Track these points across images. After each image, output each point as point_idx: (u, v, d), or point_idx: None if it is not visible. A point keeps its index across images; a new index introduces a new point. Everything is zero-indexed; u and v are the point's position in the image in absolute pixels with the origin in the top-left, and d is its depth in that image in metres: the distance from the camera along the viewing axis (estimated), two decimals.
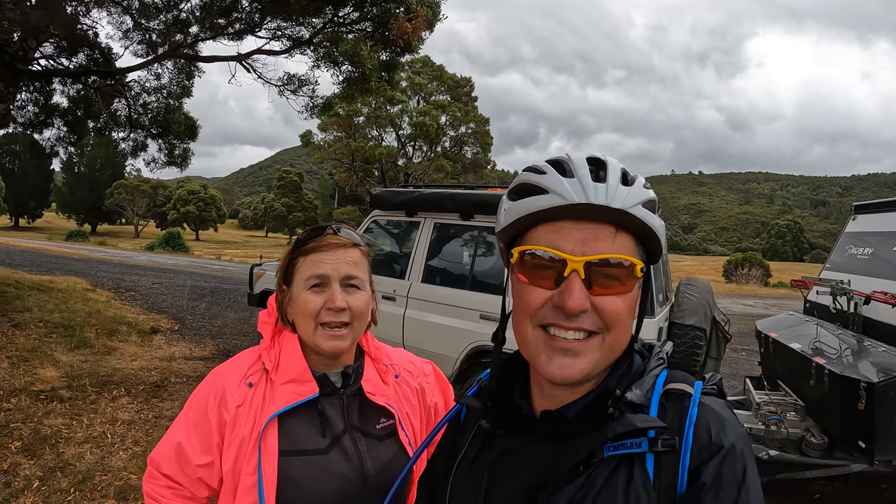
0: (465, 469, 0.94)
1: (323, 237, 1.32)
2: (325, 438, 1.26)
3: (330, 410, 1.30)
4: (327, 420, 1.29)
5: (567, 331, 0.77)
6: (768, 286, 29.93)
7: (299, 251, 1.33)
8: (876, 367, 3.44)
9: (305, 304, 1.28)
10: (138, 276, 14.17)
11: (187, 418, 1.30)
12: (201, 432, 1.27)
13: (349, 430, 1.29)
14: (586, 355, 0.77)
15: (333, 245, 1.31)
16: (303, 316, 1.29)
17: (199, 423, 1.28)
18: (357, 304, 1.30)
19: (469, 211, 5.04)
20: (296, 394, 1.26)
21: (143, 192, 66.74)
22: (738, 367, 8.57)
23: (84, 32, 8.69)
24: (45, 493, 3.65)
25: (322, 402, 1.29)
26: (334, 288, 1.28)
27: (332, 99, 9.94)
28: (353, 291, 1.31)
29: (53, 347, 6.66)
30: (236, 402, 1.26)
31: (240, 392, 1.28)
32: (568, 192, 0.76)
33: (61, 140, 9.94)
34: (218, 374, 1.33)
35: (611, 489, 0.74)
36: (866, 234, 4.85)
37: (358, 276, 1.32)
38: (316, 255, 1.30)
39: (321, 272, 1.28)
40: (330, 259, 1.29)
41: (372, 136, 30.96)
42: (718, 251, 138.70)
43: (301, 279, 1.30)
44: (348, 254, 1.31)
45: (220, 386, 1.29)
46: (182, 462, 1.27)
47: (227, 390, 1.28)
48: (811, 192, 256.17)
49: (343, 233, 1.35)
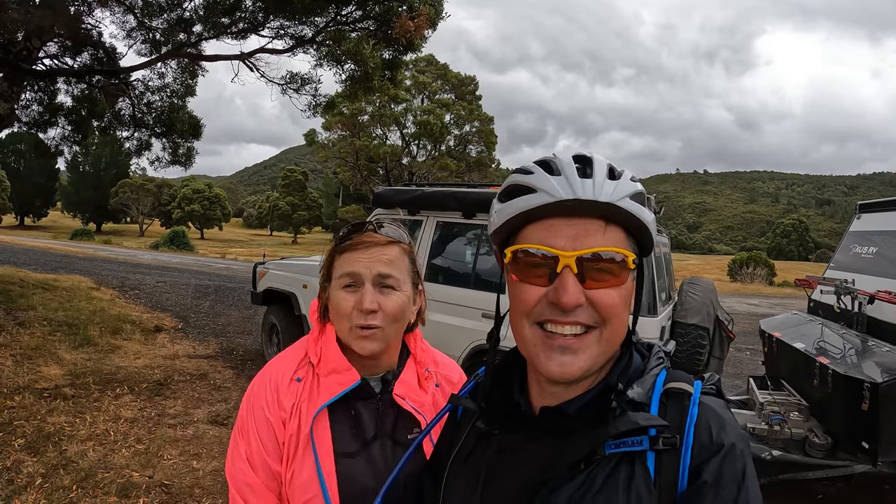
0: (459, 465, 0.94)
1: (360, 234, 1.27)
2: (356, 442, 1.23)
3: (364, 414, 1.27)
4: (360, 423, 1.25)
5: (564, 326, 0.77)
6: (773, 285, 29.84)
7: (338, 248, 1.29)
8: (880, 368, 3.42)
9: (338, 304, 1.25)
10: (142, 274, 14.20)
11: (247, 427, 1.25)
12: (268, 436, 1.23)
13: (380, 437, 1.26)
14: (585, 351, 0.77)
15: (368, 243, 1.26)
16: (336, 315, 1.27)
17: (263, 428, 1.23)
18: (390, 306, 1.24)
19: (471, 209, 5.03)
20: (339, 384, 1.23)
21: (148, 190, 67.09)
22: (742, 367, 8.55)
23: (88, 32, 8.71)
24: (47, 491, 3.66)
25: (357, 406, 1.26)
26: (366, 288, 1.23)
27: (336, 98, 9.95)
28: (387, 292, 1.25)
29: (57, 345, 6.68)
30: (290, 400, 1.23)
31: (291, 390, 1.25)
32: (556, 189, 0.77)
33: (66, 139, 9.96)
34: (268, 373, 1.30)
35: (611, 487, 0.74)
36: (871, 233, 4.82)
37: (393, 275, 1.26)
38: (351, 254, 1.26)
39: (353, 270, 1.24)
40: (364, 257, 1.25)
41: (376, 134, 30.99)
42: (723, 250, 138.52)
43: (336, 277, 1.27)
44: (384, 251, 1.26)
45: (273, 385, 1.26)
46: (263, 472, 1.22)
47: (280, 389, 1.25)
48: (816, 191, 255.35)
49: (384, 229, 1.29)
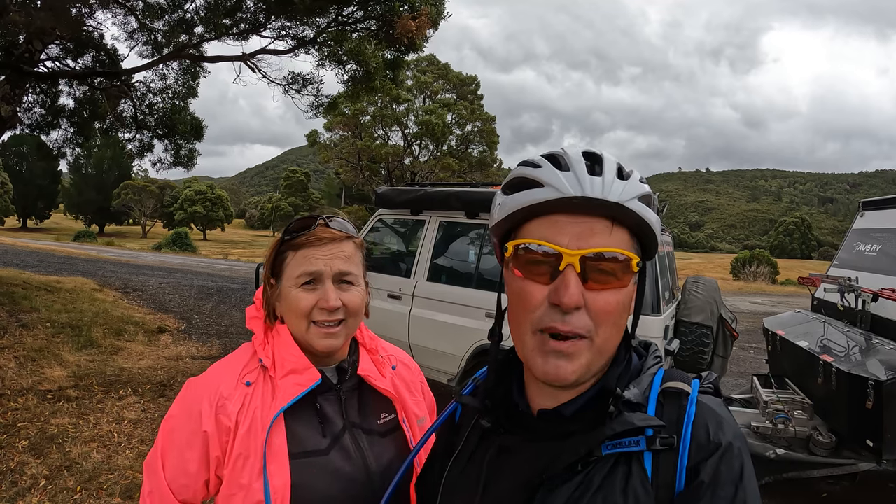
0: (460, 468, 0.93)
1: (314, 230, 1.22)
2: (325, 438, 1.18)
3: (328, 408, 1.21)
4: (326, 418, 1.20)
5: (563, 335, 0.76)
6: (776, 284, 29.81)
7: (289, 244, 1.23)
8: (884, 366, 3.40)
9: (297, 303, 1.19)
10: (145, 276, 14.22)
11: (171, 439, 1.16)
12: (195, 448, 1.14)
13: (348, 428, 1.22)
14: (578, 358, 0.76)
15: (325, 239, 1.21)
16: (294, 314, 1.21)
17: (191, 440, 1.14)
18: (352, 301, 1.22)
19: (474, 209, 5.03)
20: (297, 385, 1.16)
21: (151, 192, 67.28)
22: (746, 365, 8.53)
23: (89, 34, 8.72)
24: (51, 492, 3.67)
25: (319, 400, 1.21)
26: (327, 286, 1.19)
27: (338, 98, 9.94)
28: (347, 288, 1.22)
29: (61, 347, 6.69)
30: (236, 406, 1.14)
31: (238, 393, 1.16)
32: (564, 185, 0.75)
33: (68, 141, 9.96)
34: (208, 378, 1.21)
35: (609, 487, 0.74)
36: (874, 230, 4.81)
37: (352, 271, 1.23)
38: (307, 251, 1.20)
39: (313, 269, 1.19)
40: (322, 255, 1.20)
41: (378, 135, 30.94)
42: (726, 249, 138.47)
43: (291, 276, 1.21)
44: (341, 248, 1.22)
45: (214, 390, 1.16)
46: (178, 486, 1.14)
47: (223, 394, 1.16)
48: (819, 188, 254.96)
49: (335, 223, 1.25)
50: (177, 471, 1.14)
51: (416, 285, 5.30)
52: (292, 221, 1.28)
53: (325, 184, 79.91)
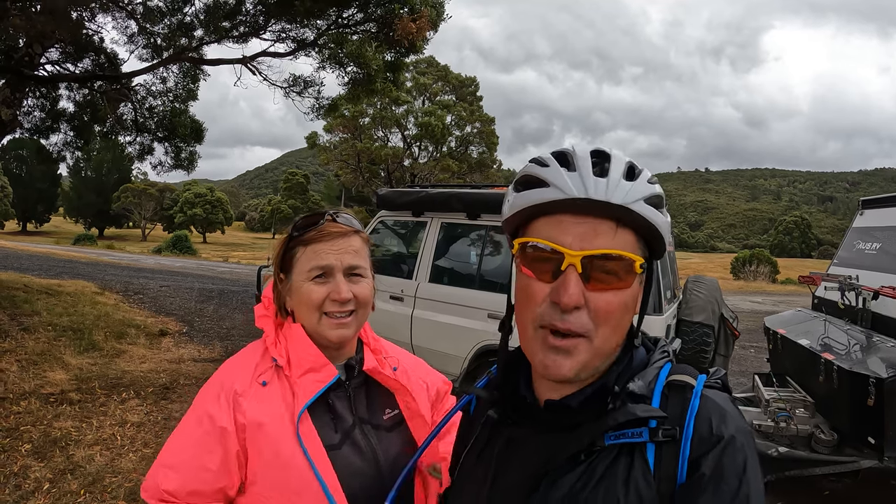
0: (472, 459, 0.95)
1: (322, 225, 1.26)
2: (337, 434, 1.21)
3: (338, 404, 1.25)
4: (337, 414, 1.23)
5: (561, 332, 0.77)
6: (776, 283, 29.80)
7: (298, 240, 1.26)
8: (885, 363, 3.41)
9: (309, 296, 1.22)
10: (146, 279, 14.22)
11: (190, 433, 1.17)
12: (214, 446, 1.14)
13: (358, 424, 1.25)
14: (576, 355, 0.77)
15: (334, 234, 1.25)
16: (306, 307, 1.24)
17: (208, 436, 1.14)
18: (362, 292, 1.26)
19: (476, 210, 5.04)
20: (317, 382, 1.20)
21: (150, 195, 67.20)
22: (747, 364, 8.53)
23: (89, 37, 8.75)
24: (55, 496, 3.67)
25: (331, 397, 1.24)
26: (338, 279, 1.23)
27: (338, 100, 9.96)
28: (356, 280, 1.26)
29: (62, 350, 6.69)
30: (253, 405, 1.16)
31: (253, 392, 1.18)
32: (568, 186, 0.76)
33: (68, 145, 9.97)
34: (223, 377, 1.22)
35: (611, 478, 0.75)
36: (874, 228, 4.81)
37: (360, 264, 1.27)
38: (317, 246, 1.24)
39: (325, 263, 1.23)
40: (332, 249, 1.23)
41: (377, 136, 30.93)
42: (726, 248, 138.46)
43: (302, 270, 1.24)
44: (350, 242, 1.26)
45: (229, 388, 1.18)
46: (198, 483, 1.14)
47: (238, 392, 1.17)
48: (818, 187, 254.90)
49: (342, 219, 1.29)
50: (196, 470, 1.14)
51: (418, 287, 5.30)
52: (299, 218, 1.31)
53: (325, 186, 79.87)
